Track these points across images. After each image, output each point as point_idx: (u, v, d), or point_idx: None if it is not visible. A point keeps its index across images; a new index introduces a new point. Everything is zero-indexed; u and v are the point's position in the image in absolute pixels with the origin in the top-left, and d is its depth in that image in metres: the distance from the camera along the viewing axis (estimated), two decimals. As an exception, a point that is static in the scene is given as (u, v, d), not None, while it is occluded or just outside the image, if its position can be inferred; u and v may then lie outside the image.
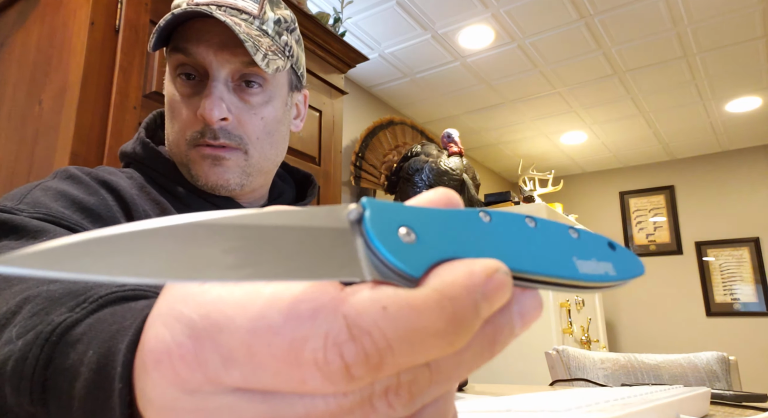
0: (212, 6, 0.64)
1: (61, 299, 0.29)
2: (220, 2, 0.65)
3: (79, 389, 0.23)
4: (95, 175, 0.62)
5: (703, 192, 4.28)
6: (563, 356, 1.52)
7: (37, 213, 0.51)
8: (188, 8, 0.61)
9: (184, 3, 0.66)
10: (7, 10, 1.50)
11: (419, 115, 3.64)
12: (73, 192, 0.57)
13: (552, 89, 3.25)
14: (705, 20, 2.54)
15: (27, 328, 0.27)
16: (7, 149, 1.33)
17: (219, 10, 0.64)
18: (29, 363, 0.25)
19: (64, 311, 0.27)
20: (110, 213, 0.58)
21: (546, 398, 0.49)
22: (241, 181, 0.67)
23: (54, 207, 0.53)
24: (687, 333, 4.08)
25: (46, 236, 0.48)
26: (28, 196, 0.54)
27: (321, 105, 1.87)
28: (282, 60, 0.66)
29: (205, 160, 0.65)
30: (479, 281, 0.16)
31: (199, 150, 0.65)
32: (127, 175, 0.67)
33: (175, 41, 0.65)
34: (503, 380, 3.09)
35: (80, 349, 0.25)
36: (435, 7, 2.44)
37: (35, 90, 1.30)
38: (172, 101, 0.67)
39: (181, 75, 0.65)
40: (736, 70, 3.02)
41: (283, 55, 0.67)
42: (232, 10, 0.66)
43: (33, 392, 0.25)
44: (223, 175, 0.65)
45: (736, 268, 4.03)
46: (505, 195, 3.62)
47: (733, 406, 0.72)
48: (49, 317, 0.27)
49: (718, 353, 1.53)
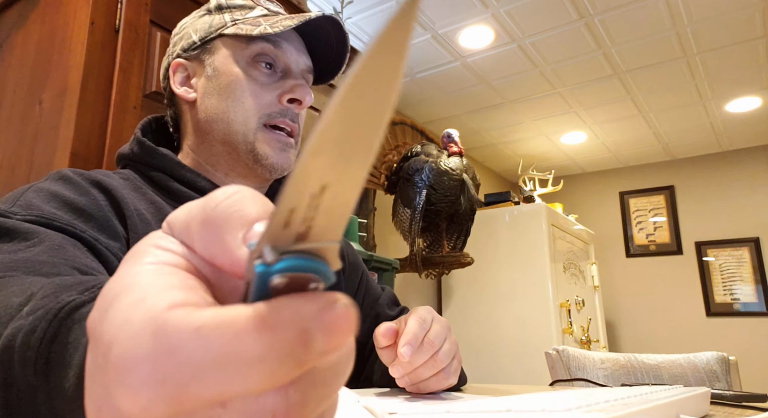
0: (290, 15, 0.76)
1: (72, 286, 0.30)
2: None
3: (77, 358, 0.24)
4: (88, 176, 0.63)
5: (703, 192, 4.28)
6: (563, 356, 1.52)
7: (29, 215, 0.52)
8: (310, 15, 0.70)
9: (263, 10, 0.75)
10: (7, 11, 1.50)
11: (419, 115, 3.64)
12: (65, 193, 0.58)
13: (552, 89, 3.25)
14: (705, 20, 2.54)
15: (37, 307, 0.29)
16: (7, 149, 1.33)
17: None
18: (36, 335, 0.27)
19: (74, 293, 0.29)
20: (102, 212, 0.59)
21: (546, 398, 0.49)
22: (291, 168, 0.76)
23: (46, 208, 0.54)
24: (687, 333, 4.08)
25: (36, 238, 0.49)
26: (21, 198, 0.55)
27: (321, 105, 1.87)
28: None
29: (275, 144, 0.73)
30: (312, 308, 0.15)
31: (272, 131, 0.73)
32: (122, 176, 0.68)
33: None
34: (503, 380, 3.09)
35: (84, 325, 0.25)
36: (435, 7, 2.44)
37: (35, 90, 1.30)
38: (244, 83, 0.72)
39: (261, 63, 0.72)
40: (736, 71, 3.02)
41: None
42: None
43: (37, 362, 0.26)
44: (287, 161, 0.74)
45: (736, 268, 4.04)
46: (505, 195, 3.62)
47: (733, 406, 0.72)
48: (60, 297, 0.29)
49: (718, 353, 1.53)
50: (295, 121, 0.75)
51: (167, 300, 0.15)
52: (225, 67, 0.72)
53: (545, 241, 3.25)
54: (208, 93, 0.73)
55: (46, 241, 0.49)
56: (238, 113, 0.71)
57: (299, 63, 0.75)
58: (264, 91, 0.72)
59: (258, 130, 0.72)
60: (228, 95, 0.71)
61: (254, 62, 0.72)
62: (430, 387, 0.65)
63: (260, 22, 0.72)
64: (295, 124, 0.75)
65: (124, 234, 0.60)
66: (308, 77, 0.78)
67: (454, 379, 0.68)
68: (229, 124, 0.71)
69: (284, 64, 0.74)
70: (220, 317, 0.14)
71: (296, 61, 0.75)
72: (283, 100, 0.73)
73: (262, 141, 0.72)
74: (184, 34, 0.76)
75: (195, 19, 0.77)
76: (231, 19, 0.73)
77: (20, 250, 0.47)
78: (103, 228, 0.57)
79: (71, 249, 0.50)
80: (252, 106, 0.71)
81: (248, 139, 0.71)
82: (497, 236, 3.42)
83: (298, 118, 0.76)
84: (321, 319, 0.15)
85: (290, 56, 0.74)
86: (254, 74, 0.72)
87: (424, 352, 0.63)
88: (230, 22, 0.73)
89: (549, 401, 0.45)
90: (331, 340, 0.15)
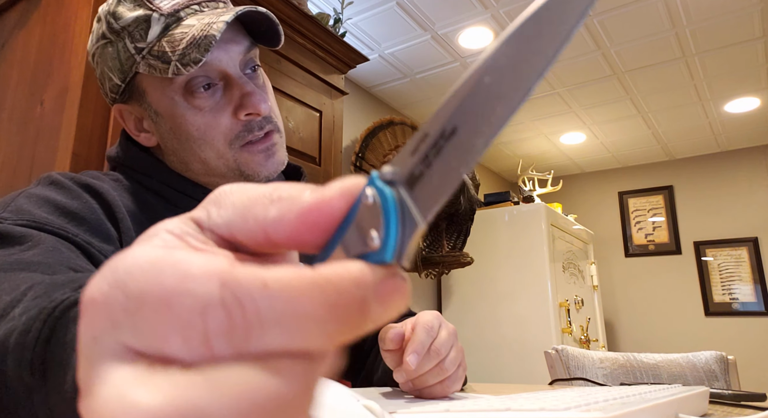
0: (194, 6, 0.66)
1: (65, 284, 0.30)
2: (192, 2, 0.66)
3: (75, 359, 0.24)
4: (78, 179, 0.62)
5: (702, 192, 4.28)
6: (562, 356, 1.52)
7: (20, 220, 0.51)
8: (205, 30, 0.61)
9: (160, 17, 0.64)
10: (9, 11, 1.50)
11: (419, 116, 3.64)
12: (57, 197, 0.57)
13: (551, 90, 3.25)
14: (704, 21, 2.54)
15: (30, 307, 0.28)
16: (8, 150, 1.33)
17: (206, 7, 0.66)
18: (32, 336, 0.26)
19: (68, 291, 0.28)
20: (94, 216, 0.58)
21: (545, 397, 0.49)
22: (285, 158, 0.71)
23: (38, 213, 0.54)
24: (686, 333, 4.08)
25: (30, 241, 0.49)
26: (12, 204, 0.55)
27: (321, 105, 1.87)
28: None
29: (258, 157, 0.67)
30: (371, 278, 0.15)
31: (248, 149, 0.67)
32: (112, 178, 0.68)
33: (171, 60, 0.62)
34: (503, 379, 3.09)
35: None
36: (435, 7, 2.44)
37: (37, 90, 1.30)
38: (193, 119, 0.65)
39: (198, 89, 0.64)
40: (735, 71, 3.02)
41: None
42: (210, 3, 0.67)
43: (33, 363, 0.26)
44: (277, 162, 0.69)
45: (735, 268, 4.04)
46: (504, 195, 3.63)
47: (731, 405, 0.73)
48: (53, 296, 0.28)
49: (717, 352, 1.53)
50: (263, 126, 0.68)
51: (228, 257, 0.15)
52: (164, 108, 0.66)
53: (544, 241, 3.26)
54: (165, 137, 0.68)
55: (40, 244, 0.48)
56: (207, 151, 0.66)
57: (233, 59, 0.66)
58: (217, 116, 0.65)
59: (236, 154, 0.67)
60: (186, 137, 0.66)
61: (189, 91, 0.64)
62: (434, 394, 0.66)
63: (167, 52, 0.62)
64: (264, 127, 0.68)
65: (116, 237, 0.60)
66: (251, 58, 0.69)
67: (459, 385, 0.69)
68: (205, 162, 0.68)
69: (219, 72, 0.65)
70: (286, 276, 0.15)
71: (229, 61, 0.66)
72: (240, 116, 0.66)
73: (245, 162, 0.67)
74: (104, 73, 0.69)
75: (101, 52, 0.68)
76: (135, 49, 0.64)
77: (14, 253, 0.47)
78: (95, 232, 0.57)
79: (66, 251, 0.50)
80: (216, 138, 0.66)
81: (231, 166, 0.67)
82: (497, 236, 3.42)
83: (266, 119, 0.68)
84: (379, 290, 0.15)
85: (221, 60, 0.65)
86: (197, 103, 0.65)
87: (430, 360, 0.63)
88: (137, 55, 0.64)
89: (548, 400, 0.45)
90: (386, 311, 0.16)
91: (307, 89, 1.81)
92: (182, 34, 0.62)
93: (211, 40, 0.60)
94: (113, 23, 0.65)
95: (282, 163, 0.70)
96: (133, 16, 0.64)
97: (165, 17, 0.64)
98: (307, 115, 1.80)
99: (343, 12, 2.25)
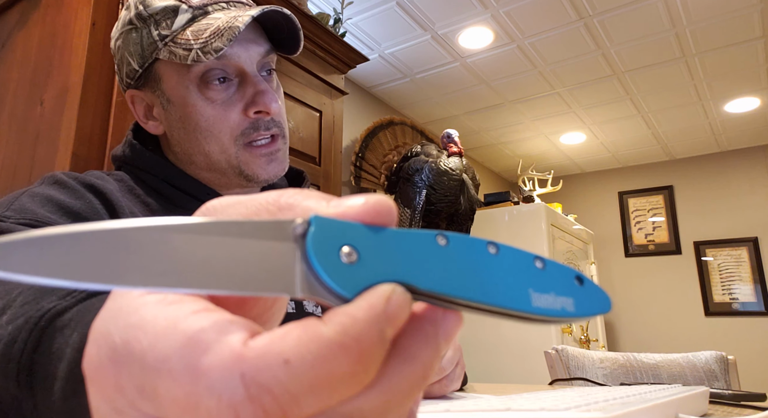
0: (222, 3, 0.66)
1: (53, 290, 0.29)
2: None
3: (62, 369, 0.24)
4: (82, 179, 0.62)
5: (702, 192, 4.28)
6: (562, 356, 1.52)
7: (23, 219, 0.51)
8: (230, 22, 0.62)
9: (188, 8, 0.65)
10: (9, 11, 1.50)
11: (419, 116, 3.64)
12: (60, 197, 0.57)
13: (551, 90, 3.25)
14: (703, 21, 2.54)
15: (17, 315, 0.28)
16: (8, 150, 1.33)
17: (233, 7, 0.67)
18: (17, 347, 0.26)
19: (54, 299, 0.28)
20: (97, 216, 0.58)
21: (545, 397, 0.49)
22: (286, 165, 0.71)
23: (40, 212, 0.53)
24: (686, 333, 4.08)
25: None
26: (15, 202, 0.54)
27: (321, 105, 1.87)
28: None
29: (260, 159, 0.67)
30: (381, 309, 0.15)
31: (251, 150, 0.67)
32: (116, 178, 0.68)
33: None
34: (503, 379, 3.09)
35: (67, 333, 0.25)
36: (435, 7, 2.44)
37: (36, 90, 1.30)
38: (203, 110, 0.65)
39: (212, 80, 0.65)
40: (735, 71, 3.02)
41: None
42: (237, 3, 0.68)
43: (20, 374, 0.25)
44: (278, 168, 0.69)
45: (735, 268, 4.04)
46: (504, 195, 3.63)
47: (731, 405, 0.73)
48: (40, 304, 0.28)
49: (717, 352, 1.53)
50: (270, 128, 0.68)
51: (237, 337, 0.15)
52: (176, 96, 0.67)
53: (544, 240, 3.26)
54: (173, 126, 0.69)
55: None
56: (211, 144, 0.67)
57: (252, 58, 0.67)
58: (227, 109, 0.66)
59: (239, 152, 0.67)
60: (194, 127, 0.67)
61: (204, 82, 0.65)
62: (432, 393, 0.66)
63: (189, 40, 0.63)
64: (270, 128, 0.68)
65: None
66: (268, 62, 0.70)
67: (457, 384, 0.69)
68: (208, 156, 0.68)
69: (236, 68, 0.66)
70: (301, 342, 0.14)
71: (248, 60, 0.66)
72: (249, 113, 0.66)
73: (246, 162, 0.67)
74: (123, 58, 0.70)
75: (125, 37, 0.69)
76: (159, 36, 0.65)
77: None
78: None
79: None
80: (223, 131, 0.66)
81: (232, 163, 0.68)
82: (497, 236, 3.42)
83: (274, 121, 0.69)
84: (388, 314, 0.16)
85: (240, 57, 0.66)
86: (210, 95, 0.66)
87: None
88: (160, 41, 0.65)
89: (548, 400, 0.45)
90: (396, 328, 0.16)
91: (307, 89, 1.81)
92: (207, 25, 0.63)
93: (235, 31, 0.61)
94: (142, 10, 0.66)
95: (283, 170, 0.70)
96: (163, 5, 0.65)
97: (193, 9, 0.65)
98: (307, 115, 1.80)
99: (343, 12, 2.25)
